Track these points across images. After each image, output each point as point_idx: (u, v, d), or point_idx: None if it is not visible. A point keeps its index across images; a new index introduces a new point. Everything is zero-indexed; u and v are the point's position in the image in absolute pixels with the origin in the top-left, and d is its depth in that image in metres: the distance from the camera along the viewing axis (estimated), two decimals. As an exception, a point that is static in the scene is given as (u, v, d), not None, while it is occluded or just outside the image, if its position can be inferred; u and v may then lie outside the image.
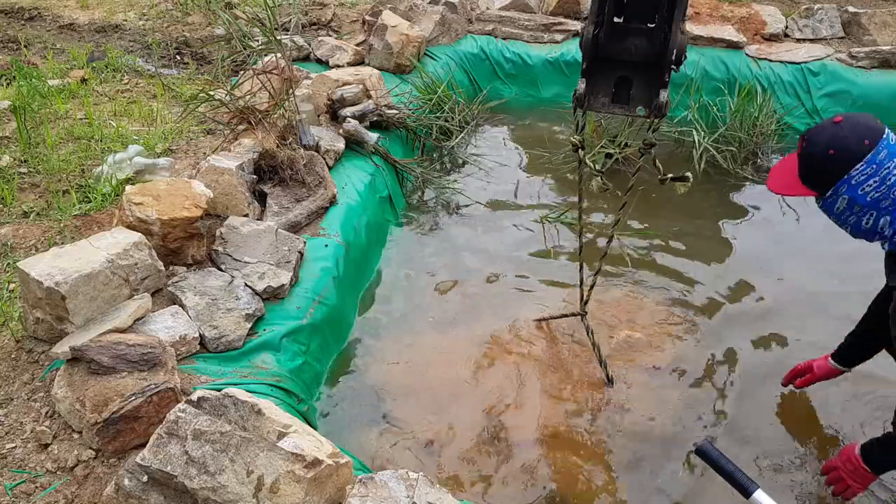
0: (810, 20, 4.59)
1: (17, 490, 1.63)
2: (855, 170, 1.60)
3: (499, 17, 4.78)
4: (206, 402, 1.55)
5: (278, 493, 1.43)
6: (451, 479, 2.04)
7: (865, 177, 1.60)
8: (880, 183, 1.59)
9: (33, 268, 1.86)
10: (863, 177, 1.60)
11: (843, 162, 1.61)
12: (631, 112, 1.93)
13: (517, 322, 2.66)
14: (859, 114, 1.68)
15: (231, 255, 2.31)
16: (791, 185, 1.73)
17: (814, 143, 1.65)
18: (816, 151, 1.65)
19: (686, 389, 2.38)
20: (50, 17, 5.26)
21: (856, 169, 1.60)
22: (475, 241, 3.16)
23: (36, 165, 2.96)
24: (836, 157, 1.61)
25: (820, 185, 1.68)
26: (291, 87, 2.97)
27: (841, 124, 1.63)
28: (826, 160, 1.63)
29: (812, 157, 1.66)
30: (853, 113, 1.69)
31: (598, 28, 1.83)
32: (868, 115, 1.66)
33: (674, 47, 1.74)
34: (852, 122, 1.62)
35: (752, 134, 3.79)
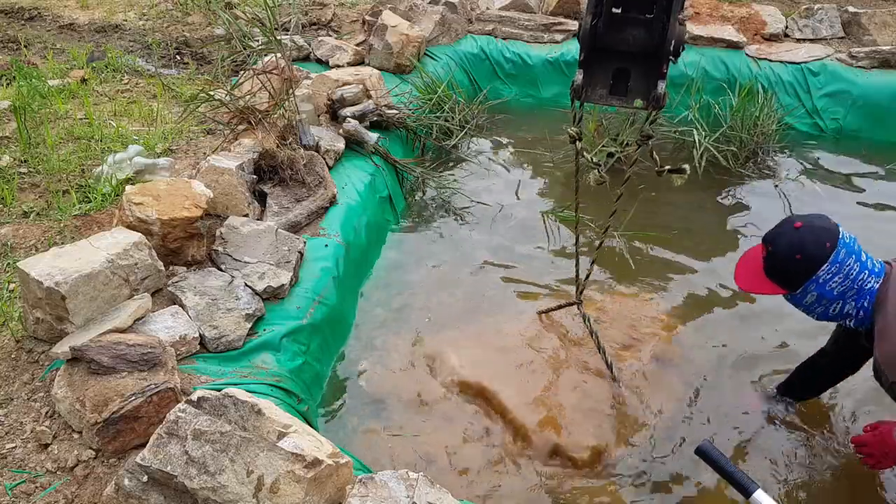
0: (810, 20, 4.59)
1: (17, 490, 1.63)
2: (822, 270, 1.75)
3: (499, 17, 4.78)
4: (206, 402, 1.55)
5: (278, 493, 1.43)
6: (450, 478, 2.04)
7: (831, 275, 1.75)
8: (844, 278, 1.75)
9: (33, 268, 1.86)
10: (829, 275, 1.75)
11: (810, 265, 1.75)
12: (629, 104, 1.93)
13: (518, 316, 2.67)
14: (815, 216, 1.83)
15: (231, 255, 2.31)
16: (760, 284, 1.86)
17: (778, 249, 1.79)
18: (782, 257, 1.79)
19: (688, 385, 2.39)
20: (50, 17, 5.26)
21: (822, 270, 1.75)
22: (475, 240, 3.17)
23: (36, 165, 2.96)
24: (803, 261, 1.76)
25: (788, 285, 1.82)
26: (291, 87, 2.97)
27: (802, 230, 1.77)
28: (793, 264, 1.77)
29: (779, 261, 1.80)
30: (808, 216, 1.82)
31: (596, 18, 1.83)
32: (824, 217, 1.82)
33: (672, 38, 1.74)
34: (812, 227, 1.77)
35: (753, 133, 3.79)
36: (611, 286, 2.87)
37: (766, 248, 1.84)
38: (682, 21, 1.76)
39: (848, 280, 1.75)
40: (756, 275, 1.87)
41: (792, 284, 1.81)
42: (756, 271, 1.87)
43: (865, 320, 1.79)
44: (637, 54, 1.87)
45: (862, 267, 1.76)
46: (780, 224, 1.84)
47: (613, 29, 1.85)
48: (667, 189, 3.54)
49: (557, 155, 3.83)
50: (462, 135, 3.85)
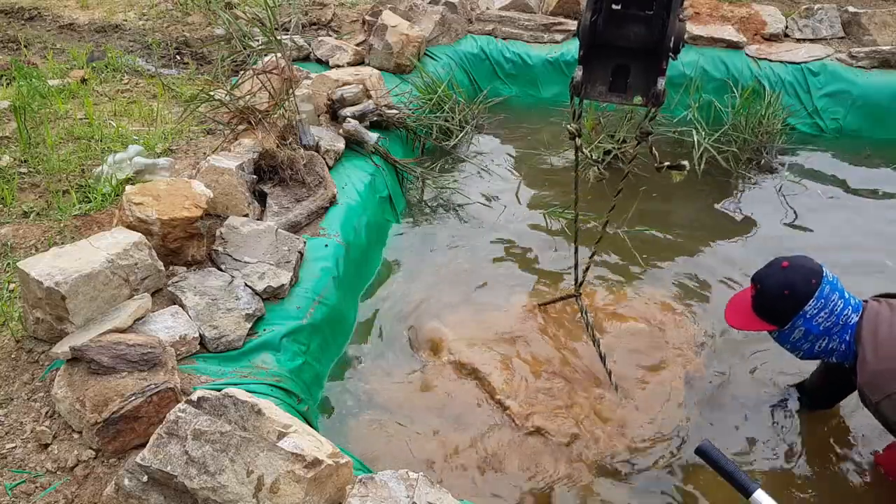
0: (810, 20, 4.59)
1: (17, 490, 1.63)
2: (809, 305, 1.87)
3: (499, 17, 4.78)
4: (206, 402, 1.55)
5: (278, 493, 1.43)
6: (448, 475, 2.04)
7: (817, 310, 1.87)
8: (829, 314, 1.87)
9: (33, 268, 1.86)
10: (815, 310, 1.87)
11: (797, 300, 1.87)
12: (628, 100, 1.94)
13: (517, 307, 2.69)
14: (799, 256, 1.96)
15: (231, 255, 2.31)
16: (749, 321, 1.99)
17: (768, 287, 1.92)
18: (771, 294, 1.91)
19: (688, 383, 2.39)
20: (50, 17, 5.26)
21: (809, 305, 1.86)
22: (475, 239, 3.17)
23: (36, 165, 2.96)
24: (790, 297, 1.88)
25: (777, 321, 1.94)
26: (291, 87, 2.97)
27: (788, 269, 1.90)
28: (781, 300, 1.90)
29: (768, 298, 1.92)
30: (794, 256, 1.95)
31: (596, 14, 1.83)
32: (807, 258, 1.95)
33: (672, 34, 1.74)
34: (797, 265, 1.90)
35: (758, 133, 3.78)
36: (611, 283, 2.88)
37: (755, 287, 1.97)
38: (681, 18, 1.76)
39: (833, 315, 1.87)
40: (745, 313, 1.99)
41: (781, 320, 1.93)
42: (745, 310, 2.00)
43: (849, 354, 1.90)
44: (637, 51, 1.87)
45: (845, 304, 1.88)
46: (768, 265, 1.98)
47: (613, 25, 1.86)
48: (667, 189, 3.54)
49: (557, 154, 3.83)
50: (462, 135, 3.85)
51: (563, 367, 2.44)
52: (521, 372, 2.40)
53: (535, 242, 3.16)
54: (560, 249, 3.12)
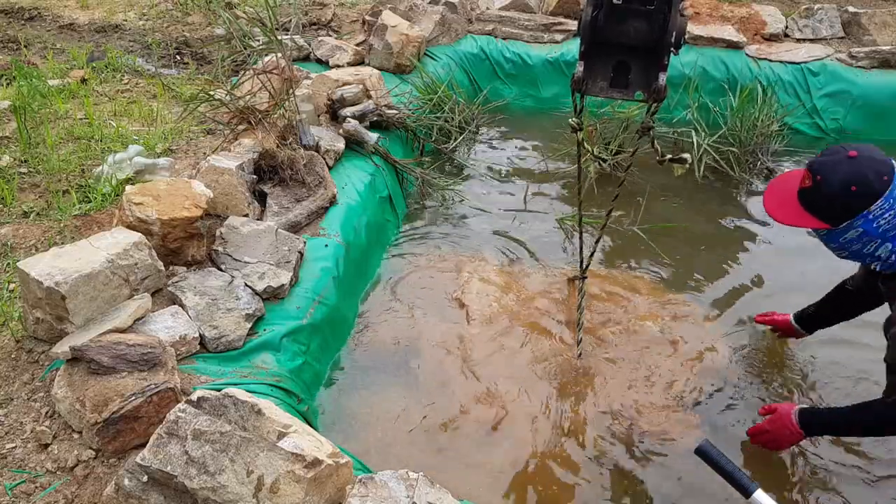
0: (810, 20, 4.59)
1: (17, 490, 1.63)
2: (875, 205, 1.64)
3: (499, 17, 4.78)
4: (206, 402, 1.55)
5: (278, 493, 1.43)
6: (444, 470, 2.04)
7: (883, 211, 1.65)
8: (894, 215, 1.65)
9: (33, 268, 1.86)
10: (881, 211, 1.65)
11: (865, 198, 1.64)
12: (629, 96, 1.94)
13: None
14: (868, 146, 1.70)
15: (231, 255, 2.31)
16: (797, 216, 1.74)
17: (831, 180, 1.67)
18: (835, 188, 1.67)
19: (687, 375, 2.39)
20: (50, 17, 5.26)
21: (876, 205, 1.64)
22: (475, 238, 3.17)
23: (36, 165, 2.96)
24: (858, 192, 1.64)
25: (832, 219, 1.70)
26: (291, 87, 2.97)
27: (858, 159, 1.65)
28: (847, 196, 1.65)
29: (827, 193, 1.68)
30: (862, 145, 1.70)
31: (597, 10, 1.83)
32: (875, 148, 1.69)
33: (673, 29, 1.74)
34: (868, 157, 1.65)
35: (753, 134, 3.79)
36: (613, 276, 2.91)
37: (812, 177, 1.71)
38: (682, 13, 1.76)
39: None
40: (791, 205, 1.75)
41: (837, 218, 1.69)
42: (791, 201, 1.76)
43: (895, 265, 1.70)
44: (638, 47, 1.87)
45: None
46: (830, 152, 1.71)
47: (614, 20, 1.86)
48: (666, 192, 3.54)
49: (557, 155, 3.83)
50: (462, 137, 3.85)
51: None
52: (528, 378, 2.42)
53: (536, 241, 3.17)
54: (560, 247, 3.13)
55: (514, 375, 2.41)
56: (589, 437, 2.20)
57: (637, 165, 3.54)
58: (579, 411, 2.29)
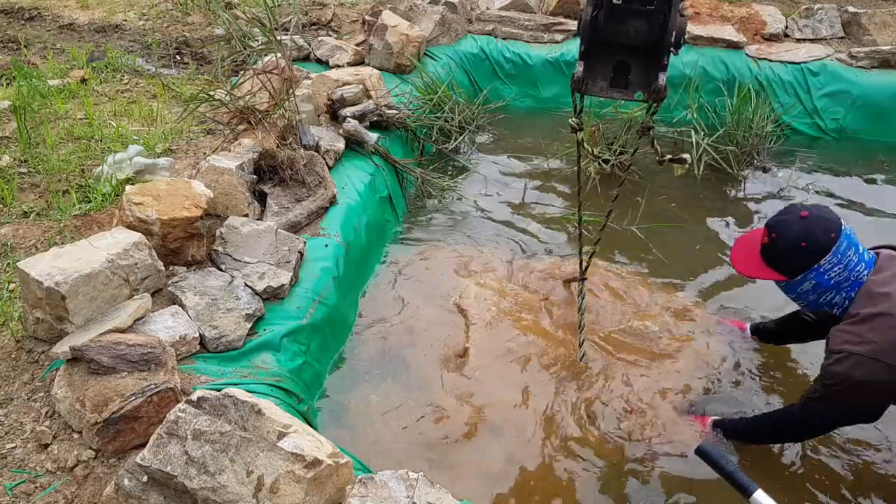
0: (810, 20, 4.59)
1: (17, 490, 1.63)
2: (824, 260, 1.80)
3: (499, 17, 4.78)
4: (206, 402, 1.55)
5: (278, 493, 1.43)
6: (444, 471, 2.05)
7: (832, 265, 1.80)
8: (843, 269, 1.80)
9: (33, 268, 1.86)
10: (829, 265, 1.80)
11: (814, 254, 1.80)
12: (629, 96, 1.95)
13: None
14: (818, 206, 1.88)
15: (231, 255, 2.31)
16: (757, 269, 1.91)
17: (785, 237, 1.84)
18: (788, 244, 1.83)
19: (683, 377, 2.40)
20: (50, 17, 5.26)
21: (825, 259, 1.79)
22: (475, 237, 3.18)
23: (36, 165, 2.96)
24: (808, 249, 1.80)
25: (788, 272, 1.87)
26: (291, 87, 2.97)
27: (809, 218, 1.81)
28: (797, 252, 1.82)
29: (782, 249, 1.84)
30: (815, 206, 1.87)
31: (597, 10, 1.83)
32: (826, 208, 1.87)
33: (673, 29, 1.74)
34: (818, 216, 1.82)
35: (748, 136, 3.80)
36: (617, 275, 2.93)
37: (769, 234, 1.87)
38: (682, 13, 1.76)
39: (846, 271, 1.79)
40: (754, 260, 1.91)
41: (792, 272, 1.85)
42: (754, 256, 1.91)
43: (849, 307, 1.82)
44: (637, 47, 1.87)
45: (860, 259, 1.81)
46: (784, 211, 1.88)
47: (614, 20, 1.86)
48: (665, 190, 3.54)
49: (557, 155, 3.83)
50: (462, 137, 3.85)
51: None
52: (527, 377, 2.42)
53: (537, 240, 3.17)
54: (560, 247, 3.13)
55: (514, 376, 2.41)
56: (589, 439, 2.20)
57: (637, 165, 3.55)
58: (579, 413, 2.29)
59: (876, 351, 1.68)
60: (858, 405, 1.79)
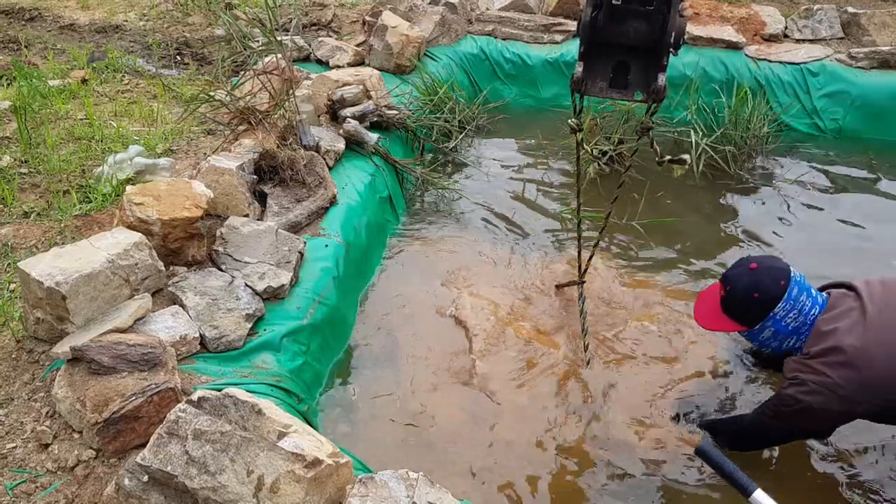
0: (810, 21, 4.60)
1: (18, 490, 1.63)
2: (778, 308, 1.87)
3: (498, 18, 4.78)
4: (207, 402, 1.55)
5: (278, 492, 1.44)
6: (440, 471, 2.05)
7: (786, 312, 1.87)
8: (798, 314, 1.87)
9: (34, 268, 1.86)
10: (784, 312, 1.87)
11: (767, 302, 1.88)
12: (628, 97, 1.95)
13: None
14: (767, 257, 1.99)
15: (231, 256, 2.31)
16: (719, 322, 1.99)
17: (736, 289, 1.92)
18: (741, 296, 1.91)
19: (680, 380, 2.40)
20: (50, 17, 5.27)
21: (778, 307, 1.87)
22: (476, 236, 3.18)
23: (36, 166, 2.96)
24: (760, 299, 1.88)
25: (746, 322, 1.94)
26: (292, 87, 2.97)
27: (758, 270, 1.90)
28: (752, 302, 1.90)
29: (737, 300, 1.92)
30: (764, 257, 1.98)
31: (596, 10, 1.83)
32: (775, 258, 1.97)
33: (672, 30, 1.75)
34: (767, 267, 1.90)
35: (746, 136, 3.80)
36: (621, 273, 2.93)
37: (724, 288, 1.96)
38: (681, 13, 1.76)
39: (801, 315, 1.87)
40: (715, 313, 2.00)
41: (750, 322, 1.93)
42: (714, 310, 2.00)
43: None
44: (637, 47, 1.88)
45: (813, 303, 1.88)
46: (735, 265, 1.98)
47: (614, 21, 1.86)
48: (665, 191, 3.55)
49: (556, 155, 3.83)
50: (462, 136, 3.85)
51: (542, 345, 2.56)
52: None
53: (537, 239, 3.17)
54: (561, 245, 3.13)
55: (515, 377, 2.42)
56: (589, 440, 2.20)
57: (636, 165, 3.55)
58: (579, 414, 2.29)
59: (826, 383, 1.75)
60: (808, 426, 1.88)
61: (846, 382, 1.73)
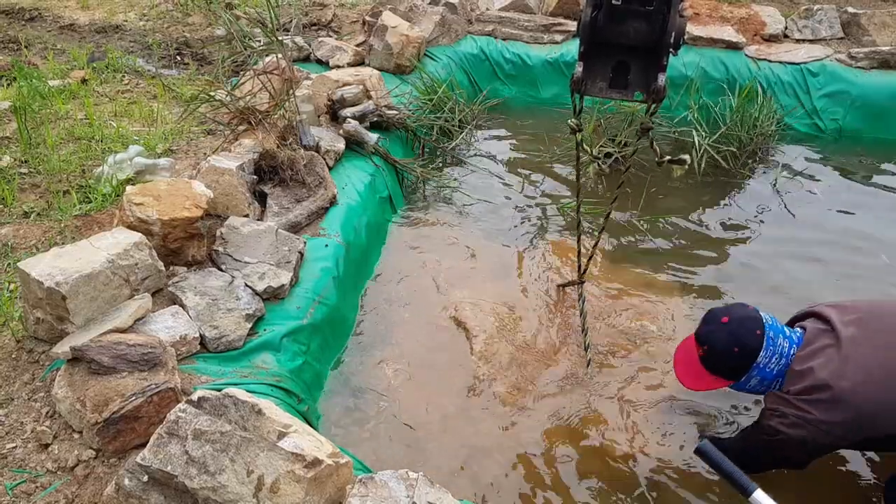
0: (810, 21, 4.60)
1: (18, 490, 1.63)
2: (760, 357, 1.86)
3: (498, 18, 4.78)
4: (207, 402, 1.55)
5: (278, 492, 1.44)
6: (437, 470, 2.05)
7: (769, 358, 1.86)
8: (780, 357, 1.86)
9: (34, 268, 1.86)
10: (767, 359, 1.86)
11: (749, 355, 1.86)
12: (628, 97, 1.95)
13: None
14: (736, 305, 1.95)
15: (231, 256, 2.31)
16: (707, 381, 1.96)
17: (715, 348, 1.90)
18: (720, 353, 1.90)
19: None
20: (50, 17, 5.27)
21: (760, 356, 1.86)
22: (476, 235, 3.18)
23: (36, 166, 2.96)
24: (741, 352, 1.86)
25: (732, 376, 1.92)
26: (292, 87, 2.97)
27: (730, 323, 1.88)
28: (732, 357, 1.88)
29: (718, 358, 1.91)
30: (733, 307, 1.94)
31: (596, 10, 1.83)
32: (742, 306, 1.94)
33: (672, 30, 1.75)
34: (738, 318, 1.89)
35: (753, 134, 3.80)
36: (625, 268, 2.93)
37: (701, 347, 1.94)
38: (681, 13, 1.76)
39: (783, 358, 1.86)
40: (699, 373, 1.97)
41: (736, 375, 1.91)
42: (697, 370, 1.98)
43: None
44: (637, 47, 1.88)
45: (790, 343, 1.87)
46: (706, 321, 1.96)
47: (614, 21, 1.86)
48: (665, 190, 3.55)
49: (557, 155, 3.83)
50: (462, 136, 3.86)
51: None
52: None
53: (537, 239, 3.17)
54: (563, 242, 3.14)
55: (514, 377, 2.42)
56: (588, 440, 2.20)
57: (637, 164, 3.55)
58: (580, 414, 2.29)
59: (808, 418, 1.74)
60: (788, 454, 1.84)
61: (828, 419, 1.71)
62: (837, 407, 1.71)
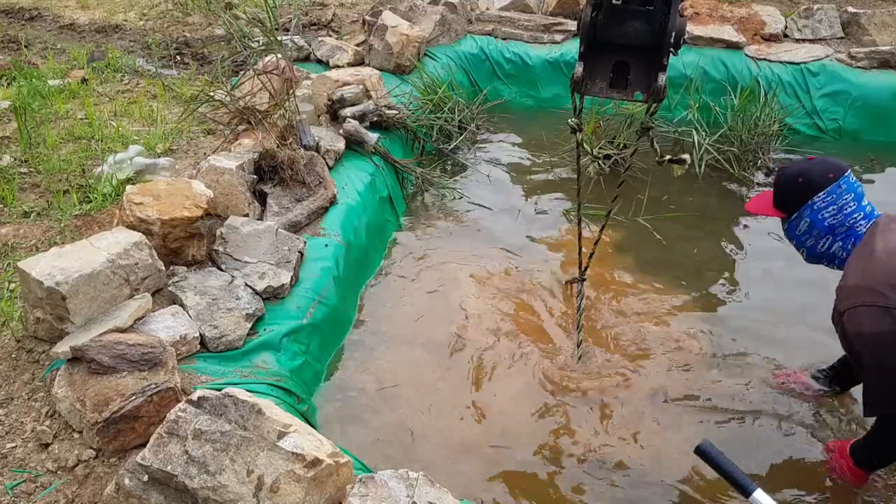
0: (810, 20, 4.60)
1: (18, 490, 1.63)
2: (817, 197, 1.84)
3: (499, 18, 4.78)
4: (207, 401, 1.55)
5: (278, 492, 1.44)
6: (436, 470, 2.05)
7: (826, 204, 1.84)
8: (838, 211, 1.82)
9: (34, 268, 1.86)
10: (823, 204, 1.84)
11: (808, 189, 1.86)
12: (628, 97, 1.95)
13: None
14: (831, 157, 1.94)
15: (231, 255, 2.31)
16: (764, 207, 2.00)
17: (785, 173, 1.93)
18: (786, 179, 1.92)
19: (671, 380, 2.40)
20: (50, 17, 5.27)
21: (818, 196, 1.84)
22: (475, 234, 3.18)
23: (36, 165, 2.96)
24: (803, 184, 1.87)
25: (787, 209, 1.92)
26: (292, 87, 2.97)
27: (812, 161, 1.91)
28: (794, 186, 1.89)
29: (782, 184, 1.93)
30: (828, 157, 1.94)
31: (596, 10, 1.83)
32: (837, 159, 1.92)
33: (672, 30, 1.75)
34: (821, 160, 1.91)
35: (754, 134, 3.80)
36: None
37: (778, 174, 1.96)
38: (681, 13, 1.77)
39: (841, 214, 1.82)
40: (765, 201, 1.99)
41: (789, 208, 1.90)
42: (766, 198, 2.00)
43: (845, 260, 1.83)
44: (637, 47, 1.88)
45: (858, 207, 1.82)
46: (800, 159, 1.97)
47: (614, 21, 1.86)
48: (666, 189, 3.55)
49: (557, 155, 3.83)
50: (462, 137, 3.86)
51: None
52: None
53: (536, 238, 3.18)
54: (564, 241, 3.14)
55: (513, 377, 2.42)
56: (587, 441, 2.20)
57: (637, 165, 3.55)
58: (577, 414, 2.29)
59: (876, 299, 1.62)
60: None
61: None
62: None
